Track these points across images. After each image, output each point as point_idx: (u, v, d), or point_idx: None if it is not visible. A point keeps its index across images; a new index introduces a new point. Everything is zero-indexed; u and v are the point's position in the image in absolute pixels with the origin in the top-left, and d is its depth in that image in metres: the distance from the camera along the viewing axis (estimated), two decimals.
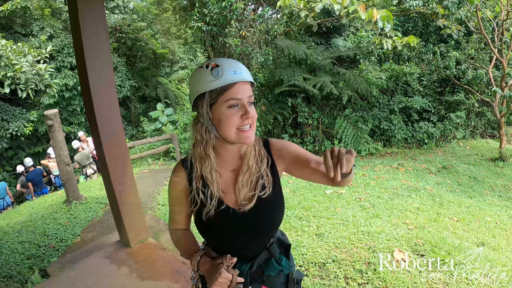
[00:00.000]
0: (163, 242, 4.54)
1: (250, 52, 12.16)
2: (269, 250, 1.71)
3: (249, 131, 1.49)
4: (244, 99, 1.47)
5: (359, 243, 4.61)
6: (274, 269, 1.70)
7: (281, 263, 1.71)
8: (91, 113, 3.70)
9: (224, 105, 1.46)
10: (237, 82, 1.46)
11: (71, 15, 3.58)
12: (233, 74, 1.46)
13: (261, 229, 1.67)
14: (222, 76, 1.45)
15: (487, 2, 13.36)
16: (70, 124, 16.81)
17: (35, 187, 10.95)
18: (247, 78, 1.49)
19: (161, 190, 8.05)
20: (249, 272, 1.67)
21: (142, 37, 19.48)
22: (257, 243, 1.70)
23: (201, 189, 1.59)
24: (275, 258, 1.70)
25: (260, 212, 1.61)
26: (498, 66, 12.86)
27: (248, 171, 1.61)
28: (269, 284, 1.72)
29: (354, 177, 6.88)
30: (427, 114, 13.81)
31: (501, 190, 8.58)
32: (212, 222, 1.59)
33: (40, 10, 17.38)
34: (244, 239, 1.65)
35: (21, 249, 5.39)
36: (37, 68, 8.91)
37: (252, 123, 1.49)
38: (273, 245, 1.72)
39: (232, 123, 1.46)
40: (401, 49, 10.30)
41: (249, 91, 1.50)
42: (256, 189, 1.60)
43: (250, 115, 1.47)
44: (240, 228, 1.62)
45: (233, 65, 1.49)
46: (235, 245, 1.66)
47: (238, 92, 1.46)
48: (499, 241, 5.20)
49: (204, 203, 1.59)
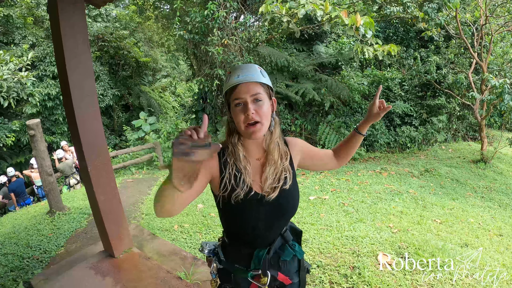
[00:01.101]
0: (148, 252, 4.52)
1: (232, 60, 12.18)
2: (284, 237, 1.89)
3: (255, 126, 1.65)
4: (246, 98, 1.64)
5: (344, 248, 4.63)
6: (289, 254, 1.88)
7: (294, 249, 1.90)
8: (73, 123, 3.67)
9: (233, 104, 1.68)
10: (239, 83, 1.65)
11: (52, 25, 3.57)
12: (236, 77, 1.67)
13: (282, 216, 1.82)
14: (229, 80, 1.70)
15: (467, 8, 13.57)
16: (53, 134, 16.63)
17: (18, 197, 10.81)
18: (250, 79, 1.66)
19: (145, 199, 8.01)
20: (267, 257, 1.82)
21: (125, 46, 19.39)
22: (275, 229, 1.84)
23: (233, 174, 1.73)
24: (289, 244, 1.88)
25: (282, 201, 1.77)
26: (478, 70, 13.07)
27: (274, 164, 1.78)
28: (285, 270, 1.89)
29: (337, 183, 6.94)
30: (409, 119, 13.95)
31: (483, 192, 8.70)
32: (239, 206, 1.72)
33: (22, 18, 17.21)
34: (266, 224, 1.78)
35: (5, 261, 5.31)
36: (19, 76, 8.82)
37: (259, 119, 1.65)
38: (287, 232, 1.92)
39: (239, 120, 1.66)
40: (381, 58, 10.39)
41: (252, 90, 1.65)
42: (280, 181, 1.76)
43: (250, 112, 1.62)
44: (264, 213, 1.76)
45: (241, 70, 1.70)
46: (256, 229, 1.78)
47: (240, 92, 1.65)
48: (483, 242, 5.26)
49: (235, 188, 1.71)
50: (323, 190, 8.02)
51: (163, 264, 4.06)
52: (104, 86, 17.92)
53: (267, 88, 1.73)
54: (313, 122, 12.96)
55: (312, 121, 12.99)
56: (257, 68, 1.73)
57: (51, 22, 3.60)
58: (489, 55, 11.26)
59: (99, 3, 4.30)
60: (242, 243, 1.86)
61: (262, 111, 1.65)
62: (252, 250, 1.82)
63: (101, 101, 17.44)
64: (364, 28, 8.50)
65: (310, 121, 12.92)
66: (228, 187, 1.71)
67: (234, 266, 1.87)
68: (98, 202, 3.91)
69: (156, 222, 6.33)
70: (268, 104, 1.70)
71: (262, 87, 1.68)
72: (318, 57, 14.77)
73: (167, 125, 14.82)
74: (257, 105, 1.65)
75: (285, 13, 9.51)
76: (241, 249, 1.87)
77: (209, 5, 11.66)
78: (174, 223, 6.15)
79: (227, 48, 12.38)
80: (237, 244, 1.89)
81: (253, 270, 1.80)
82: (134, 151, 12.50)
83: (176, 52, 21.58)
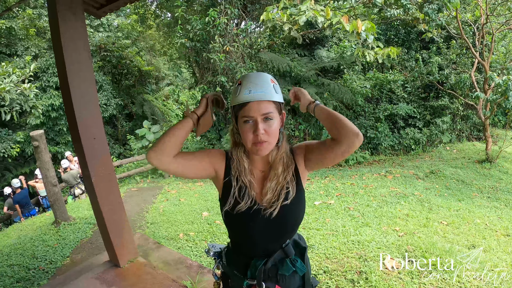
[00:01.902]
0: (153, 261, 4.51)
1: (234, 67, 12.20)
2: (285, 250, 1.78)
3: (262, 145, 1.61)
4: (256, 117, 1.59)
5: (350, 253, 4.61)
6: (288, 269, 1.76)
7: (295, 264, 1.77)
8: (76, 133, 3.67)
9: (241, 120, 1.64)
10: (250, 102, 1.59)
11: (53, 35, 3.58)
12: (247, 93, 1.60)
13: (281, 230, 1.76)
14: (239, 95, 1.63)
15: (467, 7, 13.56)
16: (57, 144, 16.67)
17: (22, 208, 10.83)
18: (262, 98, 1.60)
19: (150, 208, 8.01)
20: (263, 268, 1.74)
21: (127, 55, 19.44)
22: (275, 242, 1.77)
23: (238, 187, 1.73)
24: (290, 259, 1.77)
25: (282, 216, 1.70)
26: (480, 69, 13.05)
27: (276, 179, 1.72)
28: (284, 284, 1.79)
29: (342, 188, 6.90)
30: (413, 120, 13.93)
31: (489, 192, 8.64)
32: (240, 217, 1.70)
33: (25, 30, 17.26)
34: (265, 236, 1.73)
35: (11, 272, 5.32)
36: (22, 88, 8.82)
37: (268, 138, 1.61)
38: (289, 246, 1.79)
39: (246, 137, 1.62)
40: (382, 62, 10.38)
41: (264, 108, 1.59)
42: (280, 197, 1.69)
43: (260, 132, 1.58)
44: (263, 226, 1.70)
45: (253, 83, 1.63)
46: (255, 241, 1.75)
47: (250, 111, 1.59)
48: (490, 242, 5.22)
49: (239, 201, 1.70)
50: (328, 195, 8.00)
51: (168, 273, 4.04)
52: (107, 96, 17.96)
53: (279, 105, 1.68)
54: (316, 126, 12.95)
55: (316, 125, 12.97)
56: (270, 81, 1.66)
57: (52, 33, 3.62)
58: (491, 54, 11.23)
59: (99, 13, 4.32)
60: (242, 251, 1.84)
61: (271, 130, 1.61)
62: (250, 259, 1.78)
63: (105, 110, 17.47)
64: (365, 33, 8.50)
65: (313, 126, 12.91)
66: (231, 201, 1.71)
67: (233, 272, 1.86)
68: (102, 212, 3.90)
69: (161, 231, 6.33)
70: (278, 121, 1.66)
71: (274, 105, 1.63)
72: (320, 61, 14.79)
73: None
74: (267, 124, 1.61)
75: (286, 20, 9.51)
76: (240, 256, 1.85)
77: (210, 12, 11.71)
78: (180, 232, 6.14)
79: (229, 54, 12.40)
80: (237, 251, 1.88)
81: (249, 279, 1.76)
82: (139, 160, 12.50)
83: (178, 60, 21.67)
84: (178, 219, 6.89)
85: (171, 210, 7.69)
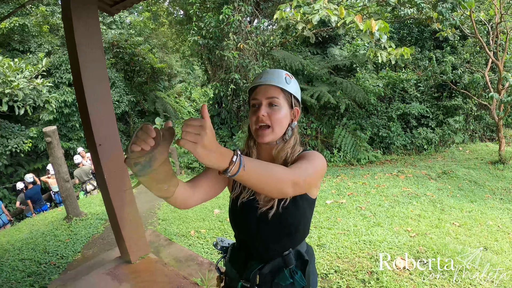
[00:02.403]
0: (164, 258, 4.52)
1: (247, 64, 12.19)
2: (284, 259, 1.73)
3: (264, 130, 1.62)
4: (262, 100, 1.64)
5: (361, 253, 4.59)
6: (285, 279, 1.70)
7: (294, 276, 1.71)
8: (89, 130, 3.69)
9: (251, 105, 1.70)
10: (258, 85, 1.67)
11: (67, 32, 3.60)
12: (259, 79, 1.69)
13: (279, 233, 1.71)
14: (252, 82, 1.72)
15: (481, 6, 13.43)
16: (69, 140, 16.73)
17: (34, 204, 10.90)
18: (269, 82, 1.65)
19: (161, 204, 8.02)
20: (258, 272, 1.71)
21: (140, 52, 19.49)
22: (273, 245, 1.73)
23: None
24: (289, 269, 1.72)
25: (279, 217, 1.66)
26: (494, 69, 12.92)
27: None
28: None
29: (354, 187, 6.85)
30: (426, 120, 13.85)
31: (502, 193, 8.57)
32: (243, 209, 1.73)
33: (38, 27, 17.35)
34: (264, 237, 1.71)
35: (22, 266, 5.37)
36: (35, 83, 8.88)
37: (270, 123, 1.62)
38: (290, 255, 1.73)
39: (251, 120, 1.66)
40: (395, 62, 10.31)
41: (269, 93, 1.64)
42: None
43: (261, 114, 1.61)
44: (259, 225, 1.70)
45: (266, 73, 1.70)
46: (254, 239, 1.75)
47: (257, 94, 1.66)
48: (502, 245, 5.16)
49: (243, 190, 1.74)
50: (340, 194, 7.97)
51: (179, 270, 4.05)
52: (119, 93, 18.00)
53: (289, 95, 1.69)
54: (328, 125, 12.93)
55: (328, 124, 12.95)
56: (284, 74, 1.70)
57: (66, 30, 3.63)
58: (505, 54, 11.10)
59: (112, 10, 4.33)
60: (242, 248, 1.85)
61: (275, 116, 1.61)
62: (249, 259, 1.78)
63: (117, 107, 17.52)
64: (378, 32, 8.45)
65: (325, 124, 12.88)
66: (237, 189, 1.76)
67: (231, 270, 1.85)
68: (114, 207, 3.92)
69: (172, 227, 6.35)
70: (286, 111, 1.66)
71: (282, 93, 1.65)
72: (333, 59, 14.73)
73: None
74: (271, 109, 1.62)
75: (299, 19, 9.48)
76: (241, 254, 1.85)
77: (224, 10, 11.71)
78: (191, 229, 6.15)
79: (242, 52, 12.39)
80: (239, 248, 1.88)
81: (244, 281, 1.74)
82: None
83: (191, 58, 21.66)
84: (189, 216, 6.89)
85: None
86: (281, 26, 10.98)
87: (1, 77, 8.32)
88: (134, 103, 19.33)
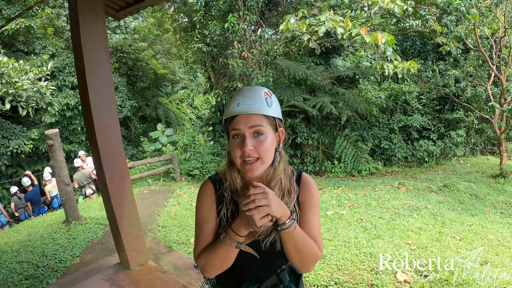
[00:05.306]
0: (164, 265, 4.50)
1: (251, 73, 12.21)
2: (279, 276, 1.70)
3: (252, 164, 1.50)
4: (244, 130, 1.48)
5: (362, 265, 4.57)
6: None
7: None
8: (92, 134, 3.69)
9: (230, 135, 1.52)
10: (237, 115, 1.49)
11: (73, 35, 3.60)
12: (236, 106, 1.50)
13: (276, 258, 1.67)
14: (228, 108, 1.53)
15: (485, 20, 13.47)
16: (71, 143, 16.76)
17: (33, 206, 10.91)
18: (249, 111, 1.48)
19: (161, 211, 8.01)
20: None
21: (143, 57, 19.58)
22: (269, 268, 1.70)
23: (230, 210, 1.64)
24: (284, 285, 1.70)
25: (276, 244, 1.61)
26: (497, 83, 12.95)
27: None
28: None
29: (355, 198, 6.85)
30: (427, 132, 13.87)
31: (502, 207, 8.55)
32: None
33: (43, 29, 17.43)
34: (259, 263, 1.63)
35: (20, 269, 5.34)
36: (38, 86, 8.90)
37: (258, 155, 1.49)
38: (284, 272, 1.71)
39: (235, 154, 1.51)
40: (401, 76, 10.32)
41: (252, 121, 1.48)
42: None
43: (247, 148, 1.46)
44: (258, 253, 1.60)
45: (242, 97, 1.52)
46: (247, 266, 1.67)
47: (237, 123, 1.49)
48: (503, 259, 5.14)
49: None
50: (340, 205, 7.95)
51: (179, 278, 4.03)
52: (122, 97, 18.07)
53: (273, 119, 1.56)
54: (330, 135, 12.92)
55: (329, 134, 12.94)
56: (263, 94, 1.54)
57: (72, 33, 3.64)
58: (508, 68, 11.12)
59: (118, 15, 4.34)
60: (235, 272, 1.70)
61: (262, 147, 1.49)
62: (241, 282, 1.71)
63: (119, 112, 17.55)
64: (384, 46, 8.47)
65: (327, 135, 12.88)
66: (225, 224, 1.64)
67: None
68: (115, 213, 3.90)
69: (172, 235, 6.33)
70: (271, 137, 1.53)
71: (265, 118, 1.51)
72: (336, 70, 14.80)
73: (184, 137, 14.89)
74: (257, 140, 1.48)
75: (305, 30, 9.50)
76: (233, 276, 1.75)
77: (229, 18, 11.73)
78: (191, 237, 6.14)
79: (246, 61, 12.41)
80: (229, 272, 1.66)
81: None
82: (151, 162, 12.53)
83: (194, 65, 21.73)
84: (189, 224, 6.87)
85: (183, 214, 7.69)
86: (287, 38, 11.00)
87: (5, 78, 8.33)
88: (136, 108, 19.41)
